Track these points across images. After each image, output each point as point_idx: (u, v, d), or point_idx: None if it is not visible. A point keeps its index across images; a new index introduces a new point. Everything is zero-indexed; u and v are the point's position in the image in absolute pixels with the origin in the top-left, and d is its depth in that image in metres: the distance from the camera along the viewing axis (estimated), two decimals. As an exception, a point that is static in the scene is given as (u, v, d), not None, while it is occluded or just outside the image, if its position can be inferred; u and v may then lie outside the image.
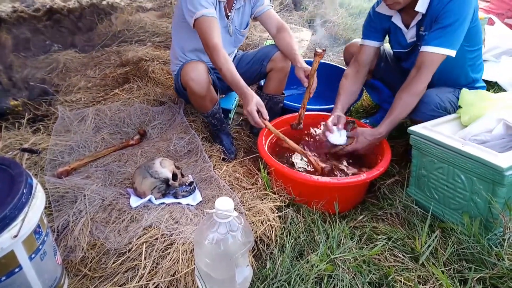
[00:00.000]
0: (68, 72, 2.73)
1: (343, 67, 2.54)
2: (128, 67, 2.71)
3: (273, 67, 2.03)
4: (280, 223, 1.55)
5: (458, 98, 1.76)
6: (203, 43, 1.76)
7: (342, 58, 2.34)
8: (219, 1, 1.86)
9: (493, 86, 2.69)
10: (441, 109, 1.73)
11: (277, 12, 4.01)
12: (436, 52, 1.60)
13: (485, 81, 2.75)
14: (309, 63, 1.93)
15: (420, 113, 1.72)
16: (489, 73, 2.79)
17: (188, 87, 1.81)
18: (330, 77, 2.44)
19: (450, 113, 1.74)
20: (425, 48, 1.64)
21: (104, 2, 4.15)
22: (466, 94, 1.71)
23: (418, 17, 1.71)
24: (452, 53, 1.60)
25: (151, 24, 3.55)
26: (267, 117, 1.69)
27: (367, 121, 2.33)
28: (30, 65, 2.76)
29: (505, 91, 2.57)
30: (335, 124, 1.83)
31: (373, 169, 1.64)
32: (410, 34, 1.80)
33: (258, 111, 1.66)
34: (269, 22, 2.02)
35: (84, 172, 1.74)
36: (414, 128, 1.62)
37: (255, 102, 1.64)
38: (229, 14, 1.95)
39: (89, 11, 3.76)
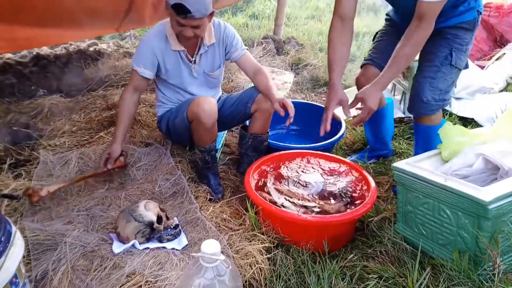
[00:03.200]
0: (52, 116, 2.72)
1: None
2: (114, 110, 2.71)
3: (257, 108, 2.07)
4: (269, 265, 1.51)
5: (445, 80, 1.82)
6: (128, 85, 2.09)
7: (324, 99, 2.40)
8: (178, 51, 1.98)
9: (470, 123, 2.80)
10: (440, 101, 1.84)
11: (260, 57, 4.17)
12: (435, 1, 1.60)
13: (462, 118, 2.87)
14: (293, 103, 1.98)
15: (423, 109, 1.86)
16: (465, 110, 2.92)
17: (199, 118, 1.85)
18: (313, 116, 2.51)
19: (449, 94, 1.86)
20: None
21: (91, 49, 4.24)
22: (447, 129, 1.72)
23: None
24: None
25: (138, 69, 3.60)
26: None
27: (352, 157, 2.35)
28: (14, 110, 2.74)
29: (482, 126, 2.68)
30: (341, 105, 1.84)
31: (361, 206, 1.65)
32: None
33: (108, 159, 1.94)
34: (247, 65, 2.11)
35: (65, 217, 1.69)
36: (397, 164, 1.64)
37: (114, 149, 1.94)
38: (192, 59, 2.03)
39: (76, 57, 3.82)
